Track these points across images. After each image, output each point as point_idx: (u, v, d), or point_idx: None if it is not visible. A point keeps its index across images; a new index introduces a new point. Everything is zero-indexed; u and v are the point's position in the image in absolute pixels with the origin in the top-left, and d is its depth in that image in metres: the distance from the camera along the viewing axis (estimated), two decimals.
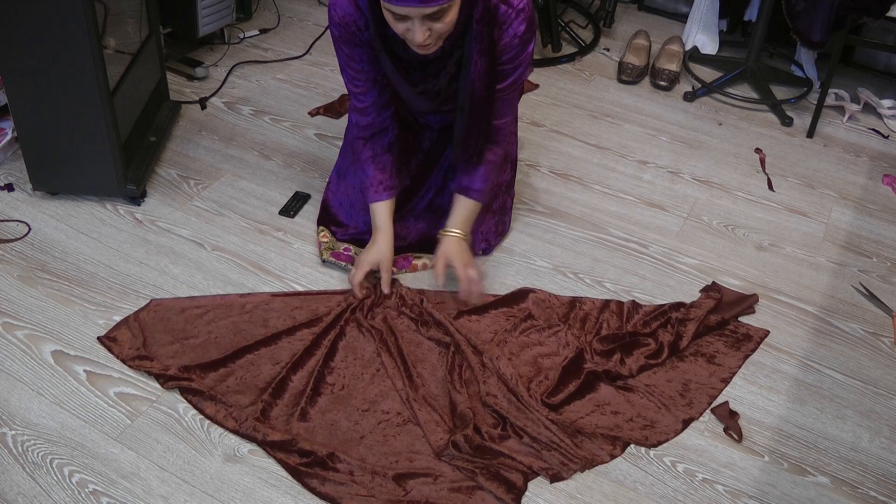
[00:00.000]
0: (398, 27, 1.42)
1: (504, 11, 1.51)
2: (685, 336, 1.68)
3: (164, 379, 1.53)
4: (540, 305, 1.75)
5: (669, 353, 1.64)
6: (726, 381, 1.62)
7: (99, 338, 1.61)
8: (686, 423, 1.53)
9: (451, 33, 1.49)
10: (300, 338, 1.63)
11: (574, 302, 1.76)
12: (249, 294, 1.73)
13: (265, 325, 1.65)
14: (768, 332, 1.76)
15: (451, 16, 1.40)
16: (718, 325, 1.74)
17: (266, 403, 1.49)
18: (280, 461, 1.41)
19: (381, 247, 1.73)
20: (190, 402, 1.50)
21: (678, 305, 1.76)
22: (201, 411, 1.48)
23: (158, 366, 1.55)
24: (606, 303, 1.76)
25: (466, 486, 1.38)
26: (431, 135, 1.87)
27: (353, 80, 1.65)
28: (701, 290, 1.83)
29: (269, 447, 1.43)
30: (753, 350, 1.71)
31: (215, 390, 1.51)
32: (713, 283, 1.86)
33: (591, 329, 1.70)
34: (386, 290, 1.72)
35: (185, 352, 1.59)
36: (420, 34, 1.39)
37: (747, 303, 1.81)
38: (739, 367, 1.66)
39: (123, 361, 1.56)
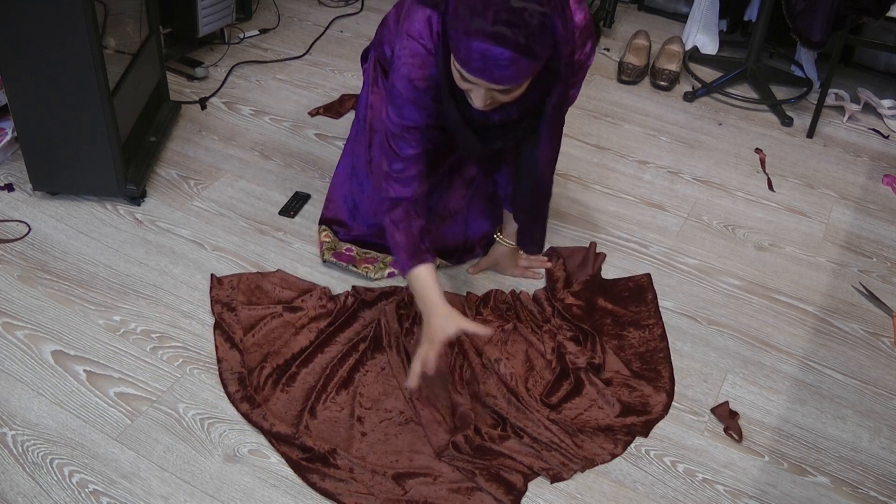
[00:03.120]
0: (462, 84, 1.33)
1: (566, 31, 1.36)
2: (594, 311, 1.75)
3: (225, 337, 1.61)
4: (526, 304, 1.76)
5: (598, 339, 1.66)
6: (664, 337, 1.71)
7: (213, 274, 1.75)
8: (670, 395, 1.57)
9: (522, 104, 1.42)
10: (310, 329, 1.65)
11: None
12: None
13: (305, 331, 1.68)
14: (648, 274, 1.87)
15: (519, 92, 1.32)
16: (602, 291, 1.81)
17: (275, 393, 1.51)
18: (283, 454, 1.41)
19: (445, 320, 1.43)
20: (221, 373, 1.55)
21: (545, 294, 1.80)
22: (225, 387, 1.52)
23: (234, 324, 1.63)
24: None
25: (466, 486, 1.38)
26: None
27: (411, 131, 1.46)
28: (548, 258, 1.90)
29: (274, 438, 1.43)
30: (654, 294, 1.81)
31: (245, 370, 1.55)
32: (549, 248, 1.93)
33: (553, 327, 1.71)
34: (486, 333, 1.46)
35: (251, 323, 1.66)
36: (480, 101, 1.32)
37: (590, 254, 1.90)
38: (660, 316, 1.76)
39: (212, 302, 1.69)
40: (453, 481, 1.39)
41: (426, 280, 1.47)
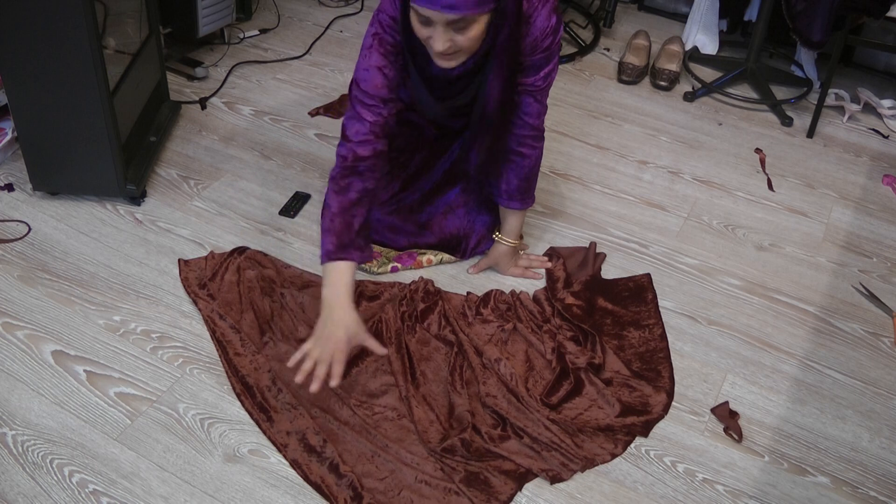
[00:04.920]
0: (421, 32, 1.40)
1: (529, 4, 1.49)
2: (594, 310, 1.75)
3: (211, 323, 1.64)
4: (526, 304, 1.76)
5: (599, 339, 1.66)
6: (664, 337, 1.71)
7: (179, 259, 1.78)
8: (670, 395, 1.57)
9: (477, 52, 1.46)
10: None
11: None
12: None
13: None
14: (648, 273, 1.87)
15: (475, 31, 1.38)
16: (602, 291, 1.81)
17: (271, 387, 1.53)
18: (271, 439, 1.44)
19: (348, 320, 1.44)
20: (221, 355, 1.58)
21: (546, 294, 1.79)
22: (233, 386, 1.54)
23: (214, 309, 1.66)
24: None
25: (444, 486, 1.38)
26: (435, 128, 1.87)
27: (371, 98, 1.51)
28: (546, 256, 1.91)
29: (271, 423, 1.46)
30: (654, 294, 1.82)
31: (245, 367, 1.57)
32: (549, 248, 1.93)
33: (553, 327, 1.71)
34: (381, 351, 1.48)
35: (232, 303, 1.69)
36: (440, 42, 1.36)
37: (590, 254, 1.89)
38: (660, 316, 1.76)
39: (186, 289, 1.71)
40: (434, 477, 1.39)
41: (343, 275, 1.46)
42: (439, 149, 1.88)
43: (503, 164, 1.72)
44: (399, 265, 1.82)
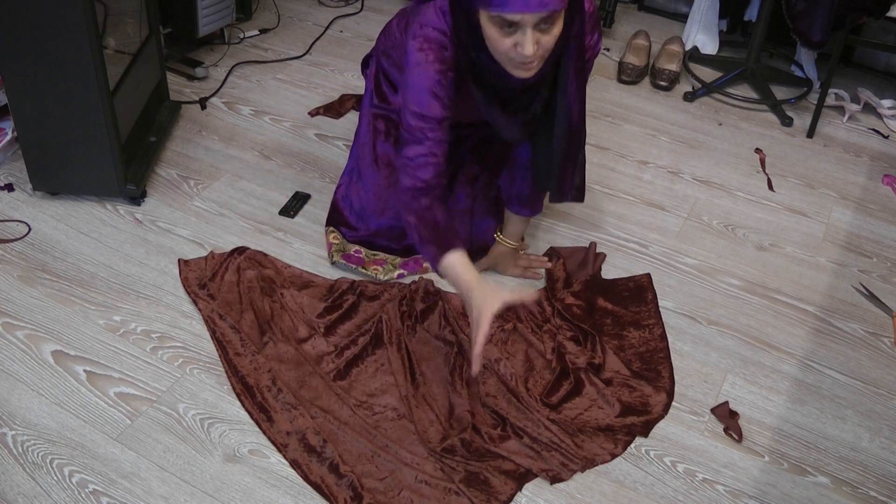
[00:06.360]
0: (503, 42, 1.34)
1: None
2: (594, 310, 1.75)
3: (211, 323, 1.64)
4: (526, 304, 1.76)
5: (599, 339, 1.66)
6: (664, 337, 1.71)
7: (179, 259, 1.79)
8: (670, 395, 1.58)
9: (551, 56, 1.42)
10: (309, 320, 1.67)
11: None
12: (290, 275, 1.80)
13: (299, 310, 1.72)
14: (648, 273, 1.87)
15: (558, 28, 1.34)
16: (602, 291, 1.81)
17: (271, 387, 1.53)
18: (271, 439, 1.44)
19: (483, 300, 1.38)
20: (221, 355, 1.58)
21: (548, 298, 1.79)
22: (232, 386, 1.53)
23: (214, 309, 1.66)
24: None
25: (444, 486, 1.38)
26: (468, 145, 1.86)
27: (427, 121, 1.45)
28: (546, 255, 1.91)
29: (271, 423, 1.46)
30: (654, 294, 1.82)
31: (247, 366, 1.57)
32: (549, 248, 1.93)
33: (553, 327, 1.71)
34: (532, 298, 1.47)
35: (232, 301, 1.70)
36: (530, 45, 1.31)
37: (590, 254, 1.90)
38: (660, 316, 1.76)
39: (187, 289, 1.72)
40: (434, 477, 1.39)
41: (457, 267, 1.41)
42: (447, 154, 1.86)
43: (518, 170, 1.72)
44: (405, 272, 1.82)
